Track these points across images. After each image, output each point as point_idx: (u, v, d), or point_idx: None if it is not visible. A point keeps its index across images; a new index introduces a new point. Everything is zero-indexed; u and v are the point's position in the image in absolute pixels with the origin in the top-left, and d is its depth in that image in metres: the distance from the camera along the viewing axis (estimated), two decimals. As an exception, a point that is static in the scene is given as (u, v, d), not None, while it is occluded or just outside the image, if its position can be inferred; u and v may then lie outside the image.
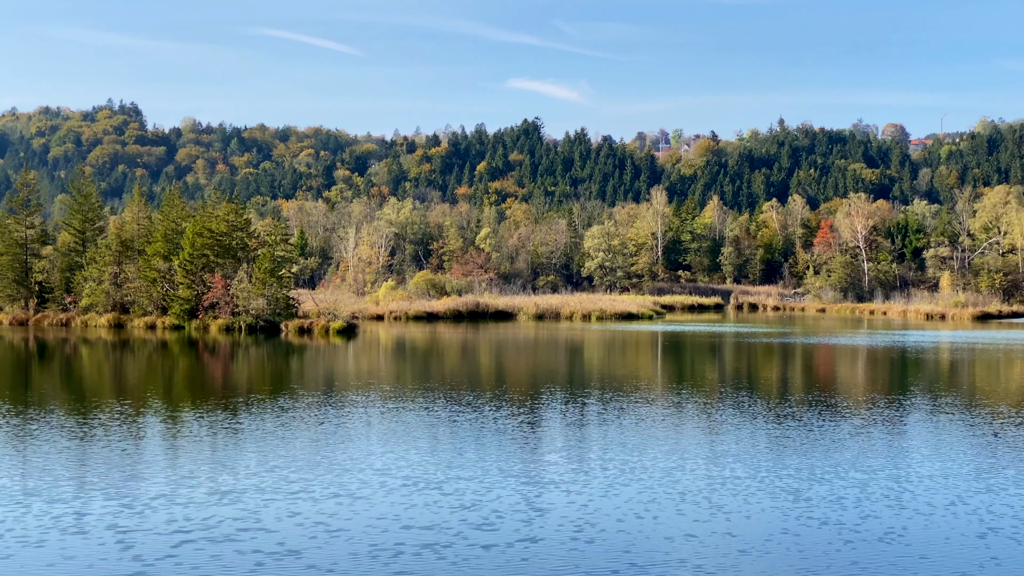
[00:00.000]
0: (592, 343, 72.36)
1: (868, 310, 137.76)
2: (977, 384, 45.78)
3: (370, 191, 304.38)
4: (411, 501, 20.32)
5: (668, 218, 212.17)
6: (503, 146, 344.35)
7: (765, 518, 19.07)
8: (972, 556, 16.73)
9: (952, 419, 32.21)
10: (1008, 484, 21.95)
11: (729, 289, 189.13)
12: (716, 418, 32.00)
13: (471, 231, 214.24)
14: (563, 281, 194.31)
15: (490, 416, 32.00)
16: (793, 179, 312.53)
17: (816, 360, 59.69)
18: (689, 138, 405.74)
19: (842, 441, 27.40)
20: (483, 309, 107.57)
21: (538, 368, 53.68)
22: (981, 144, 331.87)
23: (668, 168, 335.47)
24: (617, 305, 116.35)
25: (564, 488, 21.44)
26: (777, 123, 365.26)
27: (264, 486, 21.63)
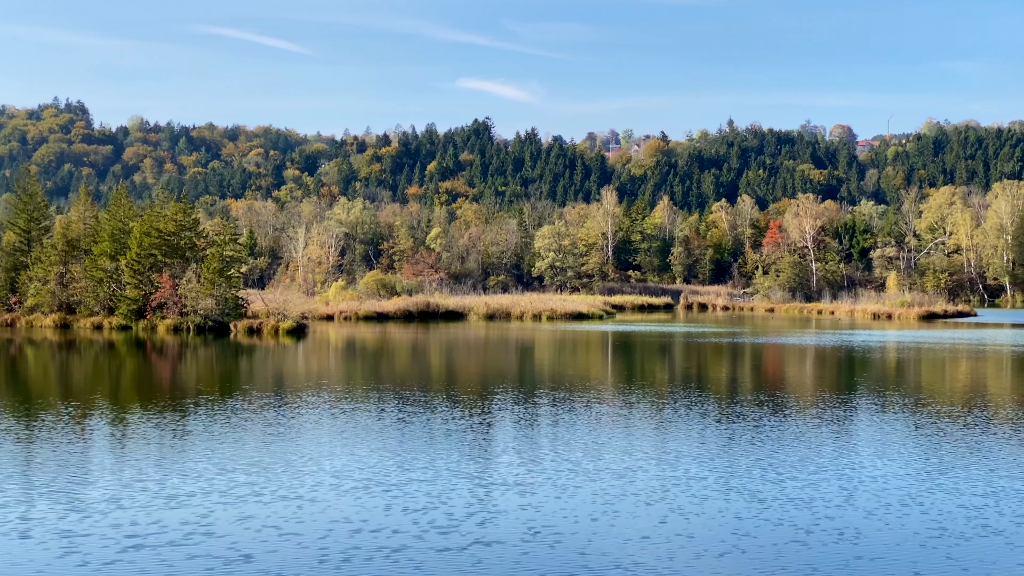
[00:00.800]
0: (543, 343, 72.37)
1: (816, 310, 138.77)
2: (923, 383, 46.17)
3: (320, 191, 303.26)
4: (364, 504, 20.12)
5: (618, 218, 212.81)
6: (454, 146, 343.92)
7: (719, 519, 19.06)
8: (927, 556, 16.78)
9: (900, 418, 32.45)
10: (959, 483, 22.08)
11: (679, 289, 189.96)
12: (667, 418, 32.03)
13: (421, 231, 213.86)
14: (514, 281, 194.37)
15: (442, 417, 31.86)
16: (742, 180, 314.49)
17: (765, 360, 60.01)
18: (639, 138, 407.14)
19: (792, 441, 27.49)
20: (433, 309, 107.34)
21: (489, 368, 53.60)
22: (927, 145, 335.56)
23: (618, 168, 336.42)
24: (567, 305, 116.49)
25: (518, 490, 21.34)
26: (726, 124, 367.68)
27: (214, 489, 21.33)
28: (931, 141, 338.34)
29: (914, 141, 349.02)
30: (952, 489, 21.42)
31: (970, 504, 20.11)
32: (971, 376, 49.54)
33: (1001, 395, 40.72)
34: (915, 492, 21.22)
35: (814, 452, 25.72)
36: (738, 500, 20.41)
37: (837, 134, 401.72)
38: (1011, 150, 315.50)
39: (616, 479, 22.32)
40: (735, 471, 23.24)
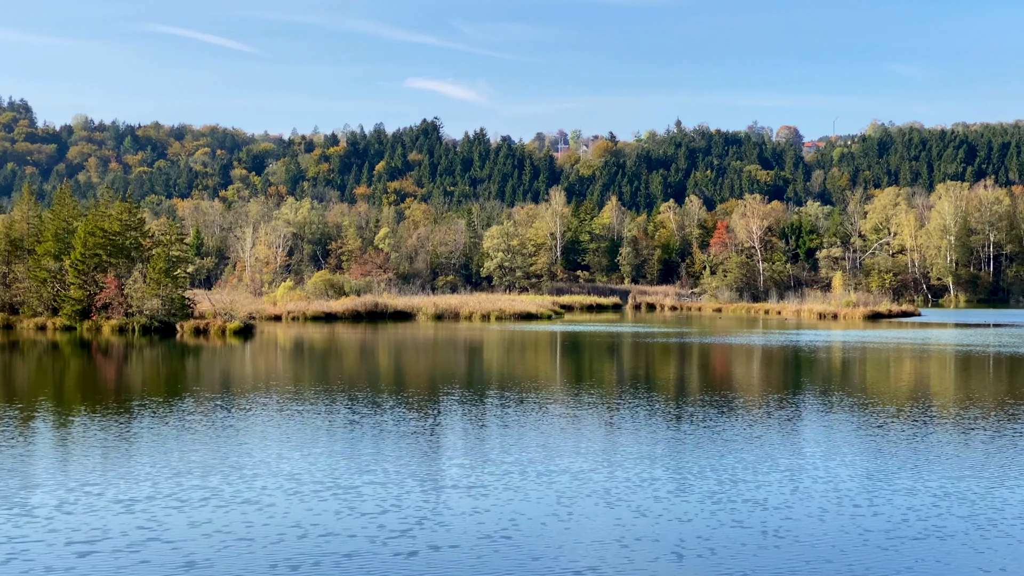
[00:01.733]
0: (491, 343, 72.32)
1: (763, 310, 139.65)
2: (869, 383, 46.55)
3: (268, 190, 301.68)
4: (316, 508, 19.89)
5: (567, 218, 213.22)
6: (402, 146, 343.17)
7: (673, 521, 19.05)
8: (878, 557, 16.86)
9: (847, 418, 32.66)
10: (908, 483, 22.24)
11: (627, 289, 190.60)
12: (617, 419, 32.05)
13: (370, 231, 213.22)
14: (462, 281, 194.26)
15: (393, 419, 31.71)
16: (690, 180, 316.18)
17: (713, 360, 60.29)
18: (588, 139, 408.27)
19: (742, 442, 27.59)
20: (382, 309, 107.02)
21: (438, 369, 53.46)
22: (872, 147, 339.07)
23: (567, 169, 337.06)
24: (516, 305, 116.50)
25: (472, 493, 21.19)
26: (674, 125, 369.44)
27: (163, 493, 21.00)
28: (876, 142, 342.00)
29: (859, 142, 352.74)
30: (901, 490, 21.56)
31: (919, 504, 20.21)
32: (916, 376, 50.02)
33: (945, 394, 41.13)
34: (864, 493, 21.31)
35: (764, 453, 25.81)
36: (690, 502, 20.41)
37: (784, 135, 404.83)
38: (954, 152, 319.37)
39: (570, 481, 22.28)
40: (686, 473, 23.27)
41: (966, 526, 18.57)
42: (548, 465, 24.03)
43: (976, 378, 48.63)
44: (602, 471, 23.37)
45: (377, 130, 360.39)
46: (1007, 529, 18.33)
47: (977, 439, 27.94)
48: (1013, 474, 23.11)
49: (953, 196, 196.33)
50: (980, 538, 17.80)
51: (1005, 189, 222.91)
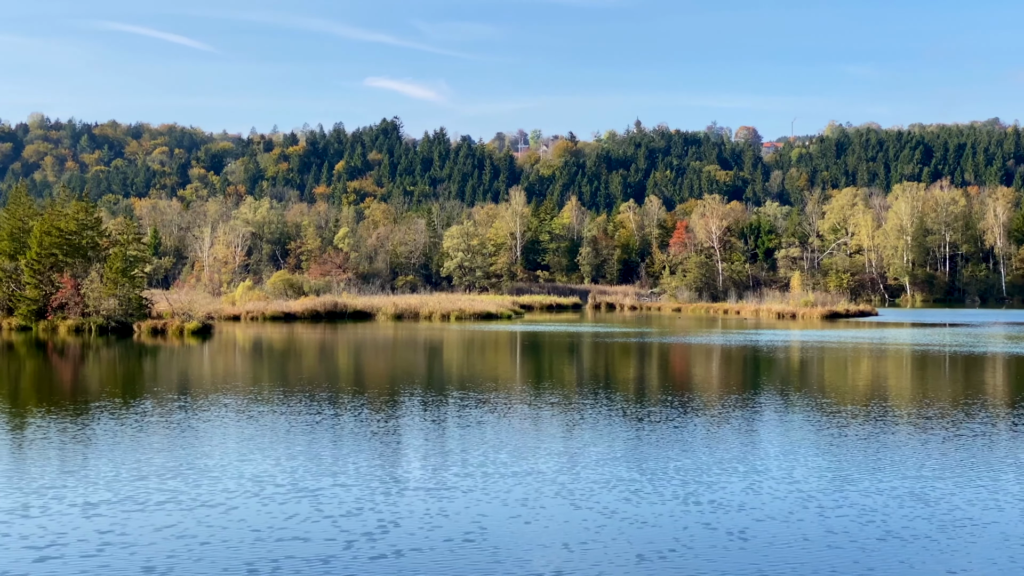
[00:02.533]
0: (451, 343, 72.24)
1: (722, 309, 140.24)
2: (827, 382, 46.83)
3: (226, 190, 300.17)
4: (281, 510, 19.66)
5: (527, 218, 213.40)
6: (362, 145, 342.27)
7: (634, 522, 19.03)
8: (836, 559, 16.93)
9: (806, 418, 32.82)
10: (865, 484, 22.33)
11: (587, 289, 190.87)
12: (578, 420, 32.05)
13: (329, 231, 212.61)
14: (422, 281, 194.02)
15: (355, 420, 31.57)
16: (650, 180, 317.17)
17: (673, 359, 60.47)
18: (547, 139, 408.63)
19: (701, 442, 27.66)
20: (341, 309, 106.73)
21: (398, 369, 53.32)
22: (829, 147, 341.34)
23: (527, 168, 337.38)
24: (476, 305, 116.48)
25: (440, 495, 21.03)
26: (634, 125, 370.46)
27: (125, 496, 20.68)
28: (833, 143, 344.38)
29: (817, 143, 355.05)
30: (863, 490, 21.61)
31: (881, 505, 20.27)
32: (874, 375, 50.36)
33: (903, 394, 41.43)
34: (826, 493, 21.33)
35: (725, 453, 25.87)
36: (652, 503, 20.37)
37: (742, 136, 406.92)
38: (911, 152, 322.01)
39: (535, 482, 22.20)
40: (647, 473, 23.27)
41: (928, 527, 18.59)
42: (512, 466, 23.96)
43: (933, 377, 49.03)
44: (566, 472, 23.35)
45: (336, 129, 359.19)
46: (970, 530, 18.37)
47: (936, 439, 28.15)
48: (972, 474, 23.28)
49: (910, 197, 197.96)
50: (943, 539, 17.84)
51: (961, 190, 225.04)
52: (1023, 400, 38.13)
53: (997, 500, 20.56)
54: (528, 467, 23.82)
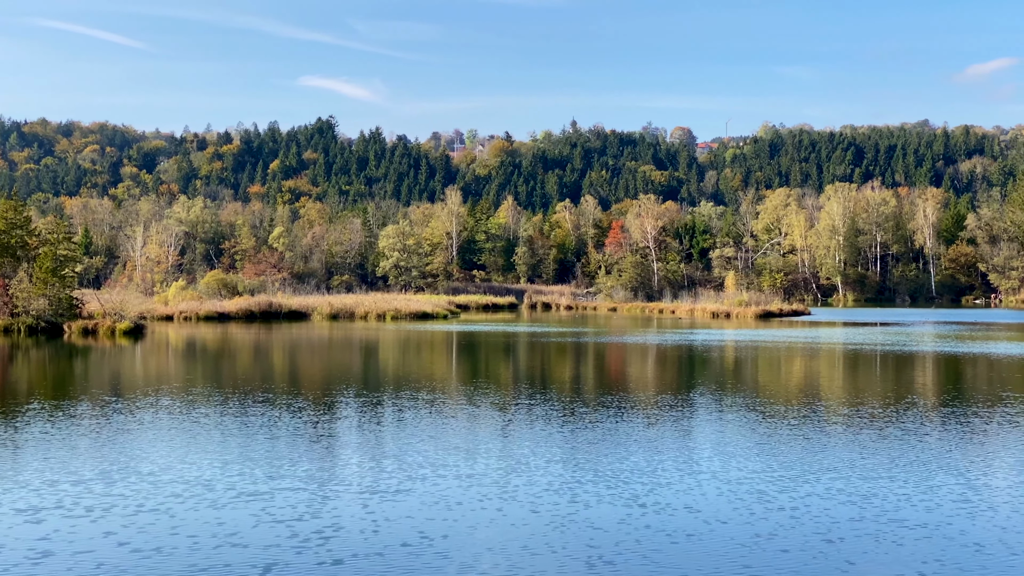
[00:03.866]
0: (387, 343, 71.98)
1: (657, 309, 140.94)
2: (762, 381, 47.19)
3: (159, 189, 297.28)
4: (230, 515, 19.26)
5: (463, 218, 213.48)
6: (297, 144, 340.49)
7: (568, 524, 19.01)
8: (786, 559, 16.99)
9: (740, 417, 33.01)
10: (799, 484, 22.48)
11: (523, 289, 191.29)
12: (515, 420, 32.01)
13: (264, 230, 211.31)
14: (358, 281, 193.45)
15: (298, 421, 31.26)
16: (585, 180, 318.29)
17: (609, 359, 60.65)
18: (484, 138, 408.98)
19: (638, 442, 27.70)
20: (276, 309, 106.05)
21: (334, 369, 53.01)
22: (763, 148, 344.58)
23: (463, 168, 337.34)
24: (412, 305, 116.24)
25: (395, 497, 20.76)
26: (570, 125, 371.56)
27: (64, 502, 20.14)
28: (767, 144, 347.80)
29: (751, 144, 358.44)
30: (800, 491, 21.66)
31: (814, 506, 20.37)
32: (807, 374, 50.83)
33: (836, 393, 41.84)
34: (761, 495, 21.38)
35: (661, 453, 25.91)
36: (589, 504, 20.32)
37: (677, 136, 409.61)
38: (842, 154, 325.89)
39: (478, 485, 22.05)
40: (586, 475, 23.26)
41: (864, 527, 18.66)
42: (452, 468, 23.77)
43: (865, 376, 49.56)
44: (505, 474, 23.26)
45: (271, 128, 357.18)
46: (905, 529, 18.47)
47: (869, 438, 28.43)
48: (905, 473, 23.50)
49: (841, 197, 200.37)
50: (880, 538, 17.93)
51: (891, 190, 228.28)
52: (953, 398, 38.63)
53: (930, 499, 20.75)
54: (468, 469, 23.72)
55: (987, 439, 28.20)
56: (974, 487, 21.77)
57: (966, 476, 22.91)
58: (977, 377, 48.26)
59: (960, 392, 41.32)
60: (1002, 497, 20.93)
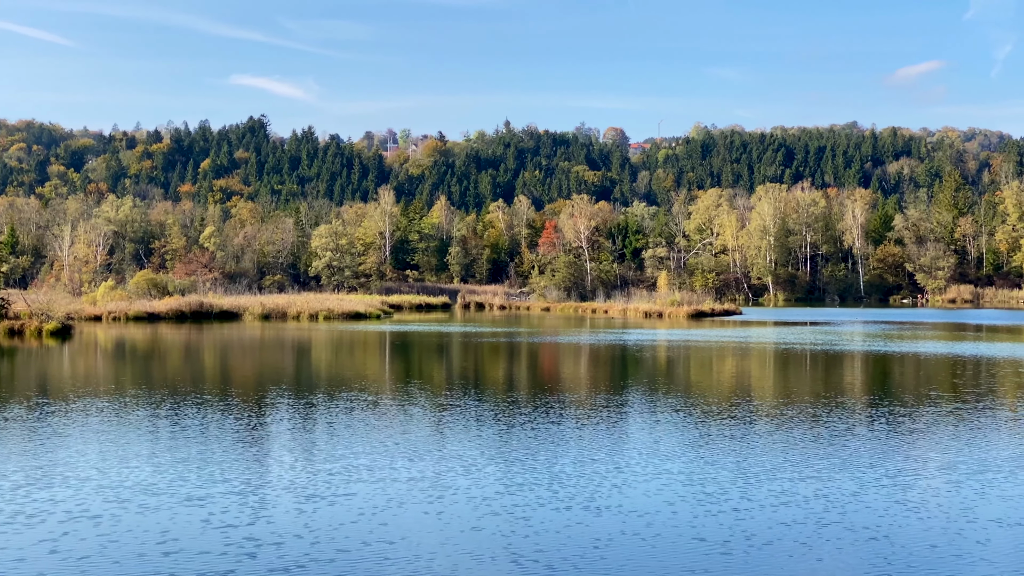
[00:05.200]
0: (320, 343, 71.56)
1: (591, 309, 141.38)
2: (694, 381, 47.49)
3: (87, 188, 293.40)
4: (174, 521, 18.86)
5: (396, 218, 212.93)
6: (228, 143, 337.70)
7: (498, 526, 18.97)
8: (720, 562, 17.04)
9: (672, 417, 33.15)
10: (727, 485, 22.58)
11: (456, 288, 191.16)
12: (448, 420, 31.92)
13: (195, 230, 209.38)
14: (290, 281, 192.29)
15: (223, 423, 30.91)
16: (519, 180, 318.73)
17: (542, 359, 60.74)
18: (417, 138, 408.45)
19: (572, 442, 27.74)
20: (207, 309, 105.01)
21: (266, 370, 52.55)
22: (695, 149, 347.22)
23: (396, 168, 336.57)
24: (345, 305, 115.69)
25: (340, 501, 20.57)
26: (503, 125, 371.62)
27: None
28: (699, 145, 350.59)
29: (683, 144, 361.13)
30: (731, 493, 21.71)
31: (744, 508, 20.44)
32: (739, 373, 51.18)
33: (767, 392, 42.16)
34: (693, 496, 21.44)
35: (592, 454, 25.94)
36: (528, 506, 20.27)
37: (610, 136, 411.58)
38: (773, 154, 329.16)
39: (433, 488, 21.99)
40: (515, 476, 23.23)
41: (794, 529, 18.71)
42: (404, 471, 23.55)
43: (795, 375, 50.03)
44: (441, 475, 23.19)
45: (202, 127, 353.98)
46: (834, 531, 18.53)
47: (799, 438, 28.68)
48: (839, 474, 23.67)
49: (772, 198, 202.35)
50: (809, 540, 18.02)
51: (821, 191, 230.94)
52: (883, 398, 39.12)
53: (860, 498, 20.92)
54: (406, 472, 23.57)
55: (917, 438, 28.55)
56: (907, 487, 21.96)
57: (898, 476, 23.13)
58: (905, 376, 48.91)
59: (889, 391, 41.85)
60: (934, 497, 21.15)
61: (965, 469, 23.61)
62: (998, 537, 17.90)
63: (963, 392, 39.89)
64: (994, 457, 25.21)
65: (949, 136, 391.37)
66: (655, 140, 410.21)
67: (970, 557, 16.69)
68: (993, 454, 25.69)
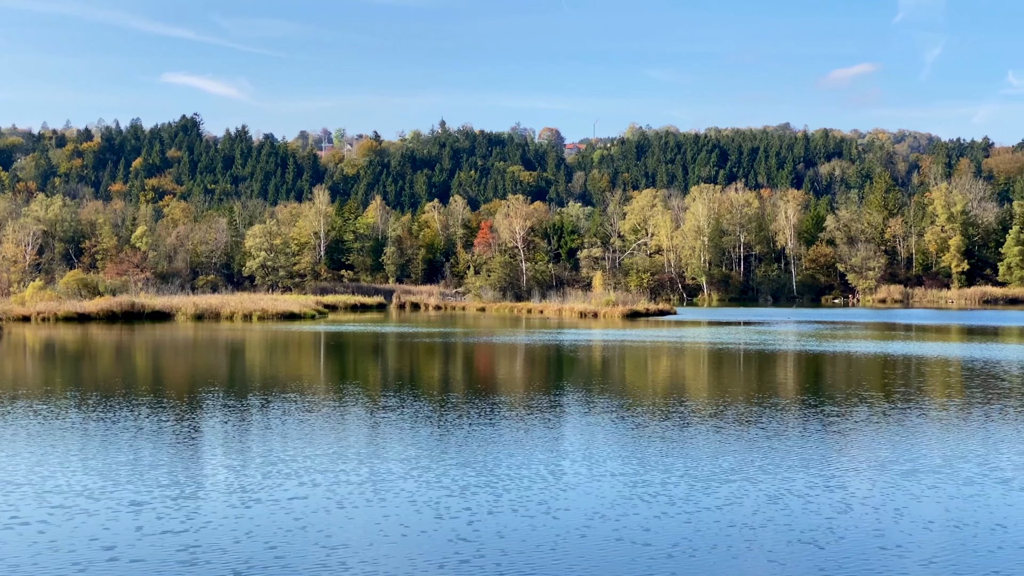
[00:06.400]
0: (254, 344, 71.02)
1: (526, 309, 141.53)
2: (628, 380, 47.65)
3: (16, 186, 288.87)
4: (112, 527, 18.49)
5: (331, 218, 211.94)
6: (160, 142, 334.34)
7: (434, 529, 18.90)
8: (647, 567, 17.07)
9: (607, 417, 33.20)
10: (664, 488, 22.64)
11: (392, 289, 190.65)
12: (384, 421, 31.75)
13: (126, 229, 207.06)
14: (224, 281, 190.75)
15: (157, 425, 30.49)
16: (454, 180, 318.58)
17: (478, 359, 60.69)
18: (352, 138, 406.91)
19: (507, 443, 27.69)
20: (139, 310, 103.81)
21: (199, 371, 52.01)
22: (630, 149, 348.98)
23: (331, 168, 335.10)
24: (279, 305, 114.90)
25: (290, 505, 20.35)
26: (439, 125, 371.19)
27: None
28: (634, 145, 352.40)
29: (618, 145, 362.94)
30: (659, 496, 21.79)
31: (676, 511, 20.50)
32: (673, 373, 51.43)
33: (701, 391, 42.40)
34: (624, 498, 21.45)
35: (527, 455, 25.91)
36: (452, 509, 20.23)
37: (546, 137, 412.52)
38: (707, 155, 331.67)
39: (374, 492, 21.80)
40: (454, 479, 23.15)
41: (734, 534, 18.73)
42: (350, 474, 23.37)
43: (729, 375, 50.35)
44: (376, 478, 23.06)
45: (134, 125, 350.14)
46: (769, 533, 18.58)
47: (734, 438, 28.86)
48: (772, 476, 23.81)
49: (706, 198, 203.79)
50: (742, 545, 18.08)
51: (754, 192, 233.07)
52: (816, 397, 39.48)
53: (795, 500, 21.03)
54: (343, 474, 23.43)
55: (850, 439, 28.83)
56: (841, 488, 22.13)
57: (832, 477, 23.32)
58: (837, 375, 49.40)
59: (823, 391, 42.24)
60: (869, 497, 21.33)
61: (898, 470, 23.84)
62: (930, 538, 18.10)
63: (894, 392, 40.38)
64: (926, 457, 25.51)
65: (880, 138, 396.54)
66: (590, 140, 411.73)
67: (904, 558, 16.86)
68: (925, 454, 25.99)
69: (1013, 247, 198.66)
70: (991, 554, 17.06)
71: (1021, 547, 17.45)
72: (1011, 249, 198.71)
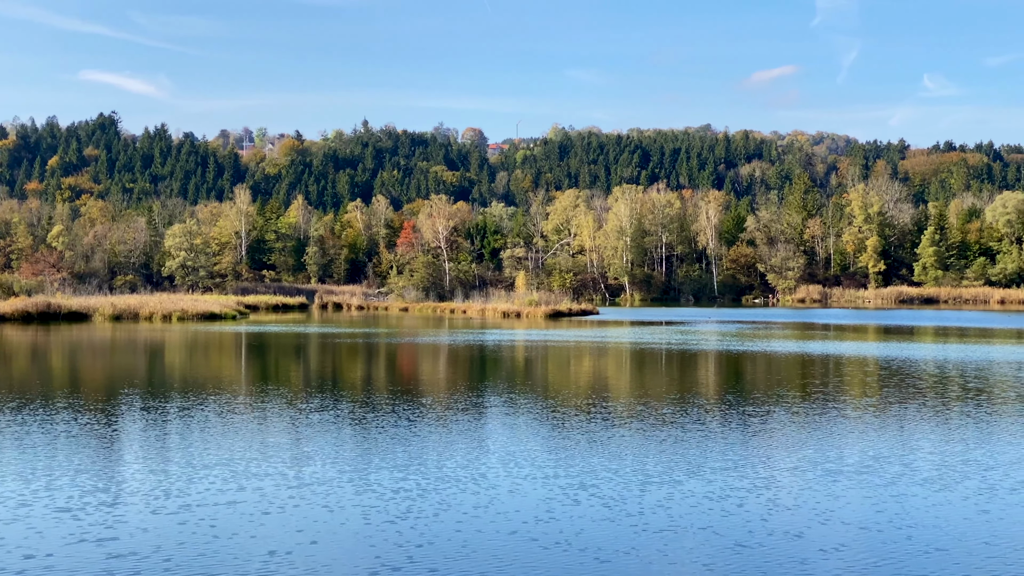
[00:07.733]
0: (174, 345, 70.16)
1: (449, 309, 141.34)
2: (551, 380, 47.76)
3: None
4: (47, 534, 18.14)
5: (252, 217, 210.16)
6: (77, 140, 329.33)
7: (358, 534, 18.78)
8: (580, 569, 17.07)
9: (530, 418, 33.26)
10: (592, 489, 22.68)
11: (314, 289, 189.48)
12: (305, 422, 31.50)
13: (42, 229, 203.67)
14: (143, 281, 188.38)
15: (72, 428, 29.97)
16: (377, 180, 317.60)
17: (401, 359, 60.48)
18: (273, 137, 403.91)
19: (431, 445, 27.63)
20: (55, 310, 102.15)
21: (117, 372, 51.24)
22: (553, 150, 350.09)
23: (252, 167, 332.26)
24: (199, 305, 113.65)
25: (231, 510, 20.07)
26: (361, 124, 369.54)
27: None
28: (557, 146, 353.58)
29: (541, 146, 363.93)
30: (583, 498, 21.84)
31: (601, 516, 20.56)
32: (596, 372, 51.61)
33: (623, 391, 42.58)
34: (550, 498, 21.48)
35: (449, 458, 25.84)
36: (379, 513, 20.14)
37: (469, 137, 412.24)
38: (629, 156, 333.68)
39: (300, 495, 21.59)
40: (382, 481, 23.03)
41: (655, 538, 18.79)
42: (276, 479, 23.17)
43: (651, 374, 50.64)
44: (298, 481, 22.88)
45: (50, 123, 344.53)
46: (691, 536, 18.63)
47: (656, 438, 28.99)
48: (693, 477, 23.95)
49: (628, 199, 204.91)
50: (663, 548, 18.14)
51: (676, 193, 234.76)
52: (736, 397, 39.80)
53: (716, 501, 21.16)
54: (268, 479, 23.21)
55: (770, 439, 29.11)
56: (761, 489, 22.34)
57: (753, 478, 23.52)
58: (758, 375, 49.89)
59: (744, 391, 42.60)
60: (789, 498, 21.55)
61: (819, 470, 24.09)
62: (851, 539, 18.31)
63: (815, 392, 40.86)
64: (847, 458, 25.81)
65: (799, 140, 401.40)
66: (513, 141, 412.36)
67: (825, 560, 17.03)
68: (845, 454, 26.32)
69: (928, 248, 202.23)
70: (916, 556, 17.27)
71: (939, 548, 17.70)
72: (926, 250, 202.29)
